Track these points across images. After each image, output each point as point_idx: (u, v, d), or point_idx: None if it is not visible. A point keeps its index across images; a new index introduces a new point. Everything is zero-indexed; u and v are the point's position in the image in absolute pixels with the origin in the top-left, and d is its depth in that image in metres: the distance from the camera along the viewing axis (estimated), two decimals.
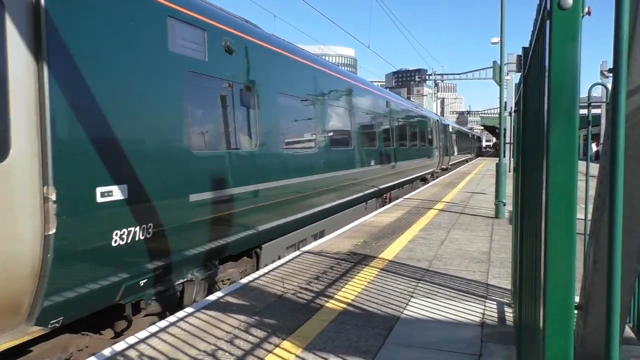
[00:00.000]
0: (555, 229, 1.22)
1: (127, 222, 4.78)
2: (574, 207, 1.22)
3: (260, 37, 7.75)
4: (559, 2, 1.16)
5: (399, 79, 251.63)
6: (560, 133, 1.21)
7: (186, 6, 5.77)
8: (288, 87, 8.58)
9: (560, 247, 1.22)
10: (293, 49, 9.24)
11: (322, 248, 8.37)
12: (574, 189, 1.22)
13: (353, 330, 4.66)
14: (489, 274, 6.58)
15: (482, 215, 12.06)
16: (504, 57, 12.55)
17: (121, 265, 4.81)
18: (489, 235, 9.41)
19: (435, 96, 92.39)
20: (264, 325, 4.83)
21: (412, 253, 7.91)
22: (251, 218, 7.28)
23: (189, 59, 5.80)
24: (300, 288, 6.02)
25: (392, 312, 5.15)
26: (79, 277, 4.37)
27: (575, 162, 1.21)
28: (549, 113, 1.22)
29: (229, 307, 5.35)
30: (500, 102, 12.67)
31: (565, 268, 1.23)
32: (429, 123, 25.34)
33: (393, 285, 6.13)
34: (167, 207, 5.34)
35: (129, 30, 4.90)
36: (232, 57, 6.74)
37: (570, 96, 1.19)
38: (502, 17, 11.97)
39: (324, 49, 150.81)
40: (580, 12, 1.17)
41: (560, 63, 1.19)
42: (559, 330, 1.25)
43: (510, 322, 4.84)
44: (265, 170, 7.60)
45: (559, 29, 1.17)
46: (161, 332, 4.67)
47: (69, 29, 4.24)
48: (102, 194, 4.50)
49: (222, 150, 6.51)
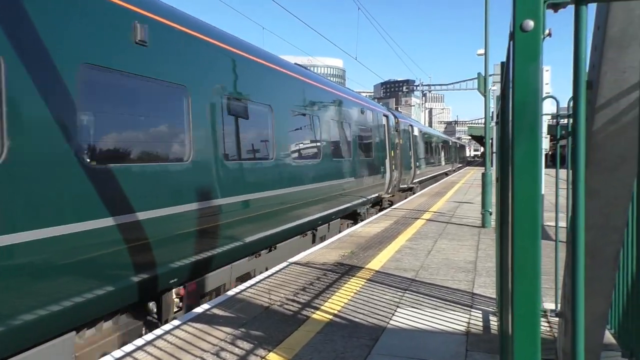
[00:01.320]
0: (521, 237, 1.28)
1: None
2: (539, 216, 1.28)
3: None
4: (521, 25, 1.23)
5: (387, 89, 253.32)
6: (524, 146, 1.27)
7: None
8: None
9: (526, 254, 1.28)
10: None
11: (310, 259, 8.39)
12: (539, 198, 1.27)
13: (339, 341, 4.69)
14: (474, 283, 6.65)
15: (468, 225, 12.16)
16: (489, 68, 12.73)
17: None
18: (475, 245, 9.49)
19: (423, 106, 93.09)
20: (250, 337, 4.84)
21: (399, 263, 7.96)
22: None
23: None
24: (287, 299, 6.04)
25: (378, 322, 5.19)
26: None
27: (539, 173, 1.27)
28: (514, 127, 1.28)
29: (215, 320, 5.35)
30: (485, 113, 12.83)
31: (531, 275, 1.28)
32: (373, 121, 16.67)
33: (379, 295, 6.17)
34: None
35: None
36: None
37: (533, 112, 1.25)
38: (486, 30, 12.17)
39: (312, 60, 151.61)
40: (541, 34, 1.23)
41: (523, 81, 1.25)
42: (526, 337, 1.30)
43: (495, 330, 4.90)
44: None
45: (521, 50, 1.24)
46: (147, 345, 4.66)
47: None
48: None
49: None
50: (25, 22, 4.17)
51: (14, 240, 3.94)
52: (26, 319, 4.10)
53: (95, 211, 4.72)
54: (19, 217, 3.99)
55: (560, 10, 1.31)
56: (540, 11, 1.21)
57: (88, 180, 4.68)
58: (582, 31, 1.24)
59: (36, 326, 4.21)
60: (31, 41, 4.20)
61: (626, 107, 2.28)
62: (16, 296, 4.00)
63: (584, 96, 1.25)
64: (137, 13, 5.42)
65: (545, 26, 1.26)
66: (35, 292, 4.15)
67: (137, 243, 5.29)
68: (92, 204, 4.70)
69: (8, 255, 3.90)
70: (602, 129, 2.33)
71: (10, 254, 3.92)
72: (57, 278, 4.36)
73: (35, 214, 4.12)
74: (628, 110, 2.28)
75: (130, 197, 5.16)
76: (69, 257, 4.44)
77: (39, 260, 4.17)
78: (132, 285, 5.28)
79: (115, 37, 5.10)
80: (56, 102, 4.38)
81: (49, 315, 4.31)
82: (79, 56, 4.65)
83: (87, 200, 4.65)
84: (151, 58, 5.62)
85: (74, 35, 4.62)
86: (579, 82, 1.25)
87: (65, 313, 4.49)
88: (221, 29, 7.71)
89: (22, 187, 4.04)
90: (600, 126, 2.32)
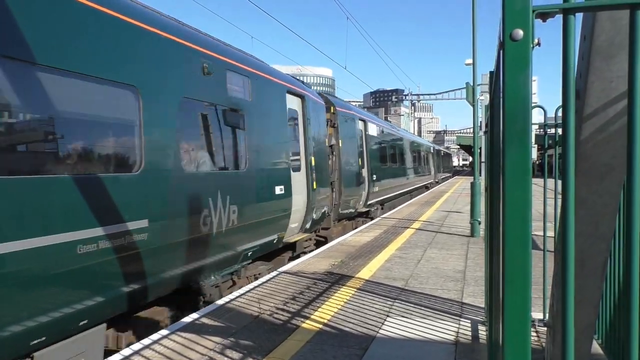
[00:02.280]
0: (512, 246, 1.28)
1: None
2: (529, 225, 1.28)
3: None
4: (511, 34, 1.23)
5: (376, 98, 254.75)
6: (514, 155, 1.27)
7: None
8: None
9: (516, 262, 1.28)
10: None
11: (299, 268, 8.36)
12: (529, 207, 1.28)
13: (329, 351, 4.66)
14: (463, 293, 6.65)
15: (458, 234, 12.19)
16: (477, 78, 12.86)
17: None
18: (464, 254, 9.51)
19: (412, 116, 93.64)
20: (239, 346, 4.79)
21: (389, 272, 7.95)
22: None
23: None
24: (276, 309, 6.00)
25: (368, 331, 5.17)
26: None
27: (528, 182, 1.27)
28: (504, 136, 1.29)
29: (204, 329, 5.30)
30: (474, 122, 12.92)
31: (522, 283, 1.28)
32: (256, 102, 8.30)
33: (369, 304, 6.15)
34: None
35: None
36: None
37: (523, 120, 1.26)
38: (474, 41, 12.29)
39: (302, 69, 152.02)
40: (531, 43, 1.24)
41: (513, 90, 1.26)
42: (517, 346, 1.29)
43: (484, 340, 4.90)
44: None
45: (511, 59, 1.24)
46: (134, 355, 4.60)
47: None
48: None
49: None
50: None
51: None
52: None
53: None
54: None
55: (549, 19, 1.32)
56: (529, 20, 1.21)
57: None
58: (570, 40, 1.25)
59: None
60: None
61: (613, 116, 2.30)
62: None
63: (573, 104, 1.26)
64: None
65: (534, 36, 1.27)
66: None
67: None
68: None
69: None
70: (590, 138, 2.34)
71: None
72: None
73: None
74: (615, 119, 2.30)
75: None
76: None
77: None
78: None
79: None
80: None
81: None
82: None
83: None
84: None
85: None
86: (568, 90, 1.26)
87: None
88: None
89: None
90: (588, 135, 2.34)
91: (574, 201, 1.27)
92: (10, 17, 4.05)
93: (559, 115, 4.86)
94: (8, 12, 4.03)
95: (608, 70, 2.21)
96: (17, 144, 4.22)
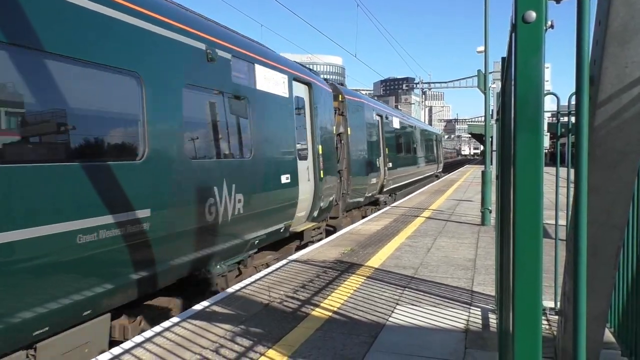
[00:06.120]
0: (523, 234, 1.26)
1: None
2: (541, 213, 1.26)
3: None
4: (523, 16, 1.21)
5: (386, 87, 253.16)
6: (526, 141, 1.25)
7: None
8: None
9: (528, 251, 1.26)
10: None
11: (309, 256, 8.38)
12: (540, 194, 1.26)
13: (338, 338, 4.67)
14: (474, 281, 6.63)
15: (468, 223, 12.15)
16: (489, 65, 12.70)
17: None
18: (474, 243, 9.48)
19: (423, 104, 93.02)
20: (249, 334, 4.82)
21: (399, 261, 7.95)
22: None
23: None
24: (286, 297, 6.02)
25: (377, 319, 5.17)
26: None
27: (540, 169, 1.25)
28: (515, 122, 1.26)
29: (214, 317, 5.33)
30: (485, 110, 12.80)
31: (533, 272, 1.26)
32: (255, 91, 8.05)
33: (379, 292, 6.16)
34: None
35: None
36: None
37: (535, 105, 1.23)
38: (486, 27, 12.14)
39: (312, 57, 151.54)
40: (544, 25, 1.21)
41: (525, 74, 1.24)
42: (527, 334, 1.28)
43: (494, 328, 4.89)
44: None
45: (524, 41, 1.22)
46: (146, 342, 4.65)
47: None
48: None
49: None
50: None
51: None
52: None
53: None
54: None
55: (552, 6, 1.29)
56: (542, 2, 1.19)
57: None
58: (585, 24, 1.22)
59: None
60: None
61: (627, 102, 2.26)
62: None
63: (587, 90, 1.24)
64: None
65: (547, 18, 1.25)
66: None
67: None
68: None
69: None
70: (603, 125, 2.31)
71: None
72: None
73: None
74: (629, 105, 2.26)
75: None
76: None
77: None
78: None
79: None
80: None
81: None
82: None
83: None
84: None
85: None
86: (582, 76, 1.23)
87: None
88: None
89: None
90: (602, 122, 2.30)
91: (586, 189, 1.25)
92: (8, 4, 4.02)
93: (572, 103, 4.79)
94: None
95: (622, 55, 2.16)
96: (17, 132, 4.17)
